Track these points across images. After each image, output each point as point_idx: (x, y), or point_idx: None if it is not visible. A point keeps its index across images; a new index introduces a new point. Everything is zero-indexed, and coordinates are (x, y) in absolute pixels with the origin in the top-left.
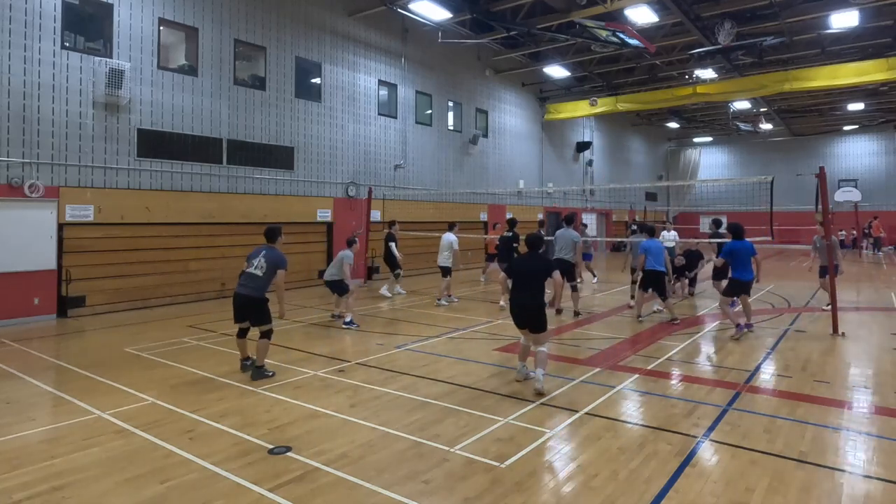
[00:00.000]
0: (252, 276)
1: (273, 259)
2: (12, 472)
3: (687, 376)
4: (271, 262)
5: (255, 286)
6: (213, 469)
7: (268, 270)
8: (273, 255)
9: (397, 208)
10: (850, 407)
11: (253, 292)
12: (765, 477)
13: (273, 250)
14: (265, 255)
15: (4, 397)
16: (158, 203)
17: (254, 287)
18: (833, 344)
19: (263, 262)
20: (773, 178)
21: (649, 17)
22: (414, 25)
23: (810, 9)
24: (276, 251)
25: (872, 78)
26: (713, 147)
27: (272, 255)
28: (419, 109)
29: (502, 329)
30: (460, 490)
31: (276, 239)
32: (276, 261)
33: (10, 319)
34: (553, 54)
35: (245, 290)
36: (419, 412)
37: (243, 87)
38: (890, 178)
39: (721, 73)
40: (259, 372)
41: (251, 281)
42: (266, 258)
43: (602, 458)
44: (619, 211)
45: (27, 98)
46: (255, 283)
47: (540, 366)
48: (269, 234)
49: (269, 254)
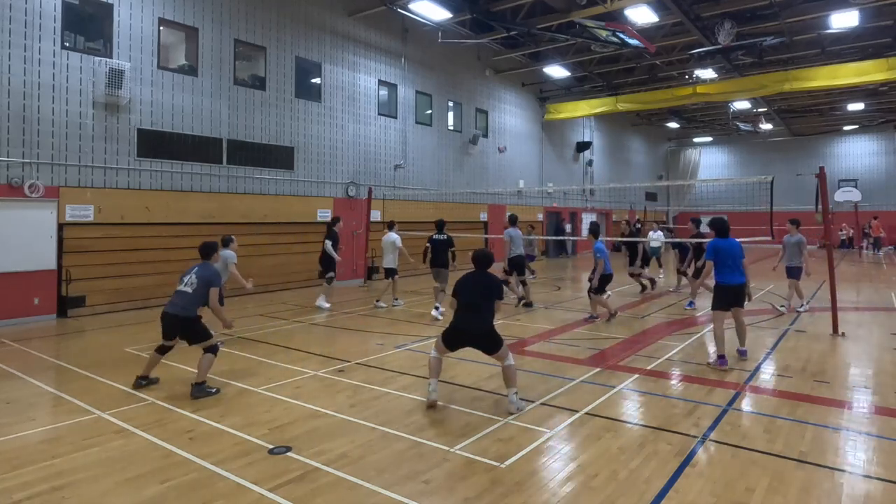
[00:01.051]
0: (182, 294)
1: (205, 276)
2: (12, 472)
3: (687, 376)
4: (203, 280)
5: (184, 304)
6: (213, 469)
7: (199, 287)
8: (205, 271)
9: (397, 208)
10: (850, 407)
11: (181, 311)
12: (765, 477)
13: (207, 267)
14: (197, 271)
15: (4, 397)
16: (158, 203)
17: (182, 305)
18: (833, 344)
19: (195, 279)
20: (773, 178)
21: (649, 17)
22: (414, 25)
23: (810, 9)
24: (210, 268)
25: (872, 78)
26: (713, 147)
27: (204, 272)
28: (419, 109)
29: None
30: (460, 490)
31: (211, 255)
32: (208, 278)
33: (10, 319)
34: (553, 54)
35: (173, 308)
36: (419, 412)
37: (243, 87)
38: (890, 178)
39: (721, 73)
40: (200, 389)
41: (180, 299)
42: (198, 275)
43: (602, 458)
44: (619, 211)
45: (27, 98)
46: (183, 300)
47: (510, 384)
48: (203, 251)
49: (202, 271)
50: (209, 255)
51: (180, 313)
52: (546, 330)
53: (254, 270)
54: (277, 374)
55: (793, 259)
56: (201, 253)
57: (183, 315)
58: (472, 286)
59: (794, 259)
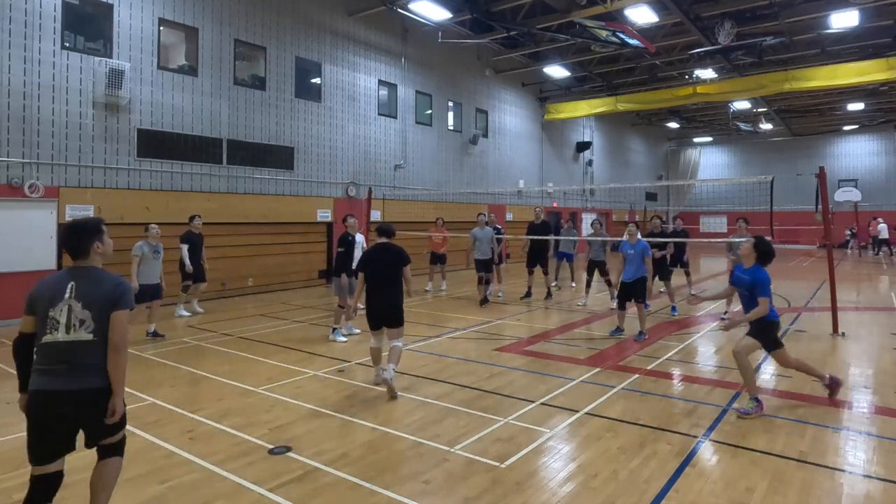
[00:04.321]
0: (74, 348)
1: (98, 294)
2: (12, 472)
3: (687, 376)
4: (98, 303)
5: (85, 367)
6: (213, 469)
7: (97, 324)
8: (96, 285)
9: (397, 208)
10: (850, 407)
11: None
12: (765, 477)
13: (94, 279)
14: (79, 291)
15: (4, 397)
16: (158, 203)
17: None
18: (833, 344)
19: (82, 310)
20: (773, 178)
21: (649, 17)
22: (414, 25)
23: (810, 9)
24: (101, 276)
25: (872, 78)
26: (713, 147)
27: (94, 289)
28: (419, 109)
29: (502, 329)
30: (460, 490)
31: (89, 248)
32: (111, 297)
33: (10, 320)
34: (553, 54)
35: (61, 382)
36: (419, 412)
37: (243, 87)
38: (890, 178)
39: (721, 73)
40: None
41: (74, 356)
42: (83, 298)
43: (602, 458)
44: (619, 211)
45: (27, 98)
46: (82, 357)
47: (392, 360)
48: (73, 241)
49: (87, 290)
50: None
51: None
52: (546, 330)
53: (254, 270)
54: (277, 374)
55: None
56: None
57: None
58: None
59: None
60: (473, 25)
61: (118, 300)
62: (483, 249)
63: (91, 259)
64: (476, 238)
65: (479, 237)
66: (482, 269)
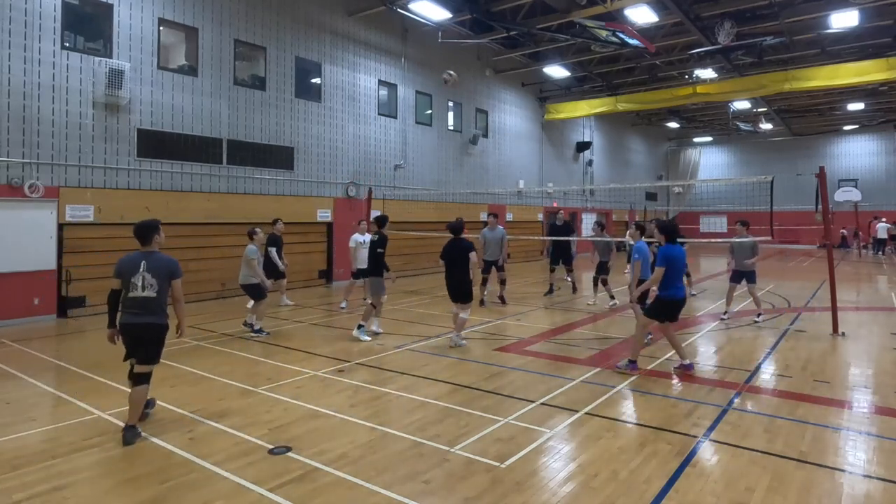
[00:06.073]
0: (146, 301)
1: (161, 268)
2: (12, 472)
3: (687, 376)
4: (162, 274)
5: (151, 311)
6: (213, 469)
7: (161, 286)
8: (159, 262)
9: (397, 208)
10: (850, 407)
11: (154, 318)
12: (765, 477)
13: (156, 256)
14: (148, 265)
15: (4, 397)
16: (158, 203)
17: (151, 311)
18: (833, 344)
19: (151, 278)
20: (773, 177)
21: (649, 17)
22: (414, 25)
23: (810, 9)
24: (161, 256)
25: (872, 78)
26: (713, 147)
27: (158, 264)
28: (419, 109)
29: (502, 329)
30: (460, 490)
31: (151, 239)
32: (169, 270)
33: (10, 319)
34: (553, 54)
35: (141, 317)
36: (419, 412)
37: (243, 87)
38: (890, 178)
39: (721, 73)
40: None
41: (146, 305)
42: (151, 271)
43: (602, 458)
44: (619, 211)
45: (27, 98)
46: (149, 306)
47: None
48: (142, 234)
49: (153, 263)
50: (150, 239)
51: (154, 320)
52: (546, 330)
53: None
54: (277, 374)
55: (739, 263)
56: (140, 237)
57: (158, 322)
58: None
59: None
60: (473, 25)
61: (174, 272)
62: (492, 250)
63: (152, 245)
64: (486, 239)
65: (489, 238)
66: (486, 271)
